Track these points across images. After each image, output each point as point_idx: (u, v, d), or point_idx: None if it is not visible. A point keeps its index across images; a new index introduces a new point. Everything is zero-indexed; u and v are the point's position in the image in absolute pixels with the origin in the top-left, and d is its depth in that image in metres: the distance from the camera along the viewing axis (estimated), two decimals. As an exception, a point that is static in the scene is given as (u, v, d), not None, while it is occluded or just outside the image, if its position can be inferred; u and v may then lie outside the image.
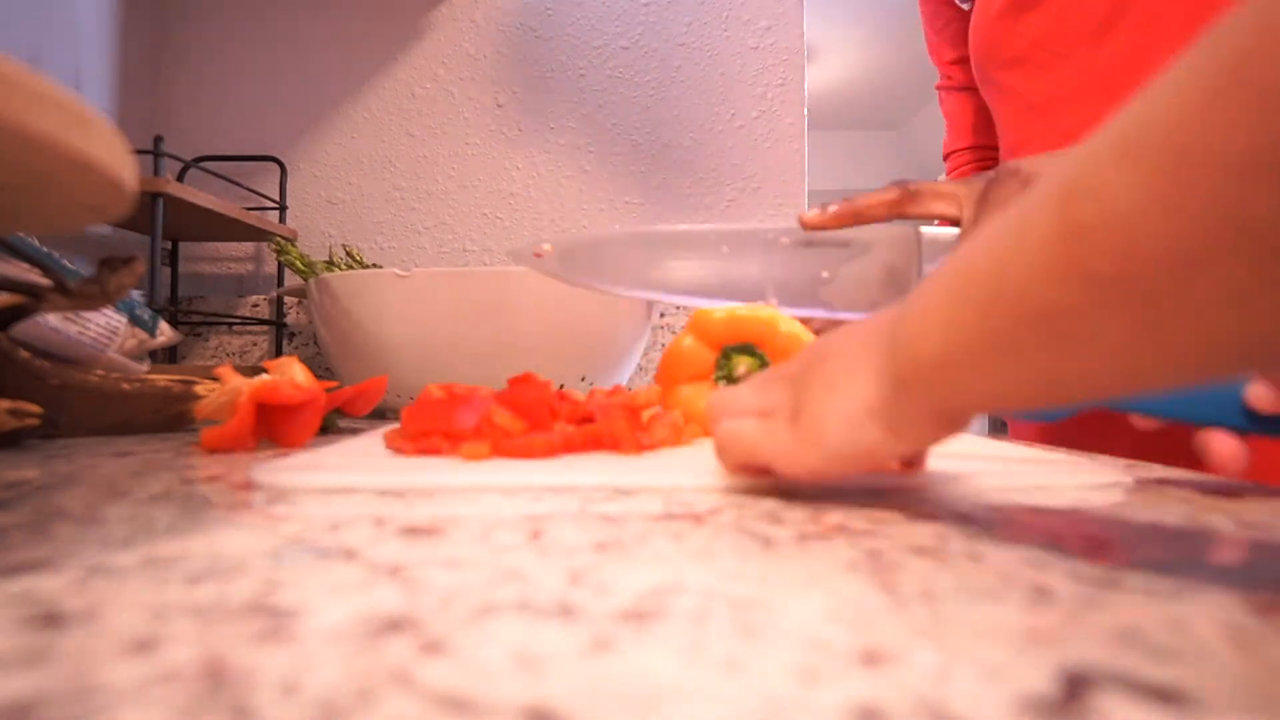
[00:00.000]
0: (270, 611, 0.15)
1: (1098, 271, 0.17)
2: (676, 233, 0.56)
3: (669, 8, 1.12)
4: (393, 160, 1.13)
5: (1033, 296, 0.18)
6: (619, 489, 0.30)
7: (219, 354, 1.12)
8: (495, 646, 0.14)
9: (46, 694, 0.11)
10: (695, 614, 0.15)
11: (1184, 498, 0.30)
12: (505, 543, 0.21)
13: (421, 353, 0.73)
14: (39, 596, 0.16)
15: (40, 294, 0.43)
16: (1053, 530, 0.24)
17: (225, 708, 0.11)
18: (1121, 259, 0.16)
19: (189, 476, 0.34)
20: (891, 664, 0.13)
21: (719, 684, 0.12)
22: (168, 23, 1.15)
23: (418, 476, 0.32)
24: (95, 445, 0.46)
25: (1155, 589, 0.18)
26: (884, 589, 0.17)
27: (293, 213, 1.12)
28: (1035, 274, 0.18)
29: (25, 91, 0.20)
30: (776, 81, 1.10)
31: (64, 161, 0.22)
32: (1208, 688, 0.12)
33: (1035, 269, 0.18)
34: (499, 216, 1.12)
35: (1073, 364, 0.19)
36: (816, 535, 0.23)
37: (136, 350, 0.58)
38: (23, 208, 0.26)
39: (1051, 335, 0.18)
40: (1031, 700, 0.12)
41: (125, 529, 0.23)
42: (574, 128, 1.12)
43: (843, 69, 3.37)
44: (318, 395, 0.47)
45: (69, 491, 0.30)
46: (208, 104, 1.14)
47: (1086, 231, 0.17)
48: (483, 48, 1.13)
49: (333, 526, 0.23)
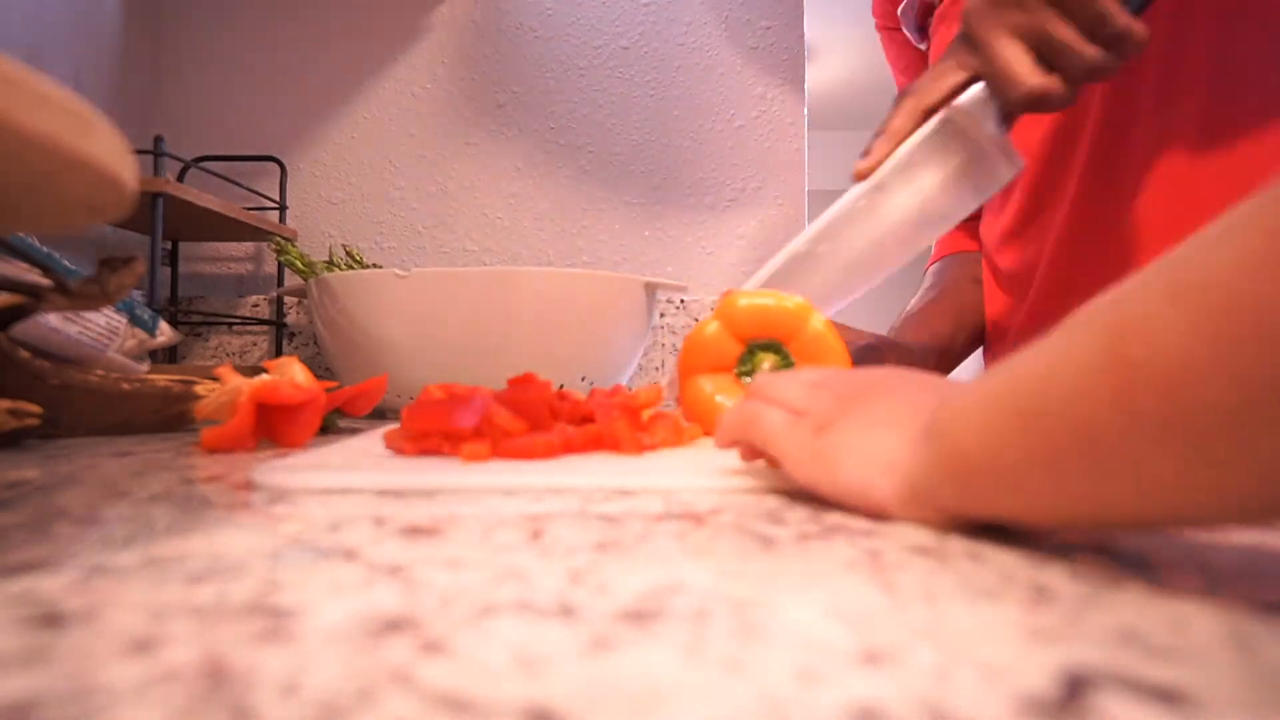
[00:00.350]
0: (270, 611, 0.15)
1: (1145, 409, 0.16)
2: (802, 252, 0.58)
3: (669, 8, 1.12)
4: (393, 160, 1.13)
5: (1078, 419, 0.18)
6: (619, 489, 0.30)
7: (219, 354, 1.12)
8: (495, 646, 0.14)
9: (46, 694, 0.11)
10: (695, 614, 0.15)
11: (1184, 498, 0.30)
12: (505, 543, 0.21)
13: (421, 353, 0.73)
14: (39, 596, 0.16)
15: (40, 294, 0.43)
16: (1052, 530, 0.24)
17: (225, 708, 0.11)
18: (1169, 401, 0.16)
19: (189, 476, 0.34)
20: (891, 664, 0.13)
21: (719, 684, 0.12)
22: (168, 23, 1.15)
23: (418, 477, 0.32)
24: (95, 445, 0.46)
25: (1155, 589, 0.18)
26: (884, 589, 0.17)
27: (293, 213, 1.12)
28: (1082, 397, 0.18)
29: (26, 91, 0.20)
30: (776, 81, 1.10)
31: (64, 161, 0.22)
32: (1208, 688, 0.12)
33: (1082, 392, 0.18)
34: (499, 216, 1.12)
35: (1118, 491, 0.18)
36: (816, 535, 0.23)
37: (136, 350, 0.58)
38: (23, 208, 0.26)
39: (1096, 460, 0.18)
40: (1031, 700, 0.12)
41: (125, 529, 0.23)
42: (574, 128, 1.12)
43: (843, 69, 3.37)
44: (318, 395, 0.47)
45: (69, 491, 0.30)
46: (208, 104, 1.14)
47: (1134, 368, 0.16)
48: (483, 48, 1.13)
49: (333, 526, 0.23)
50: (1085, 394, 0.18)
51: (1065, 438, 0.18)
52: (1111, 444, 0.17)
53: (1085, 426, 0.18)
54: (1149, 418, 0.16)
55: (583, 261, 1.11)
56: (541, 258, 1.11)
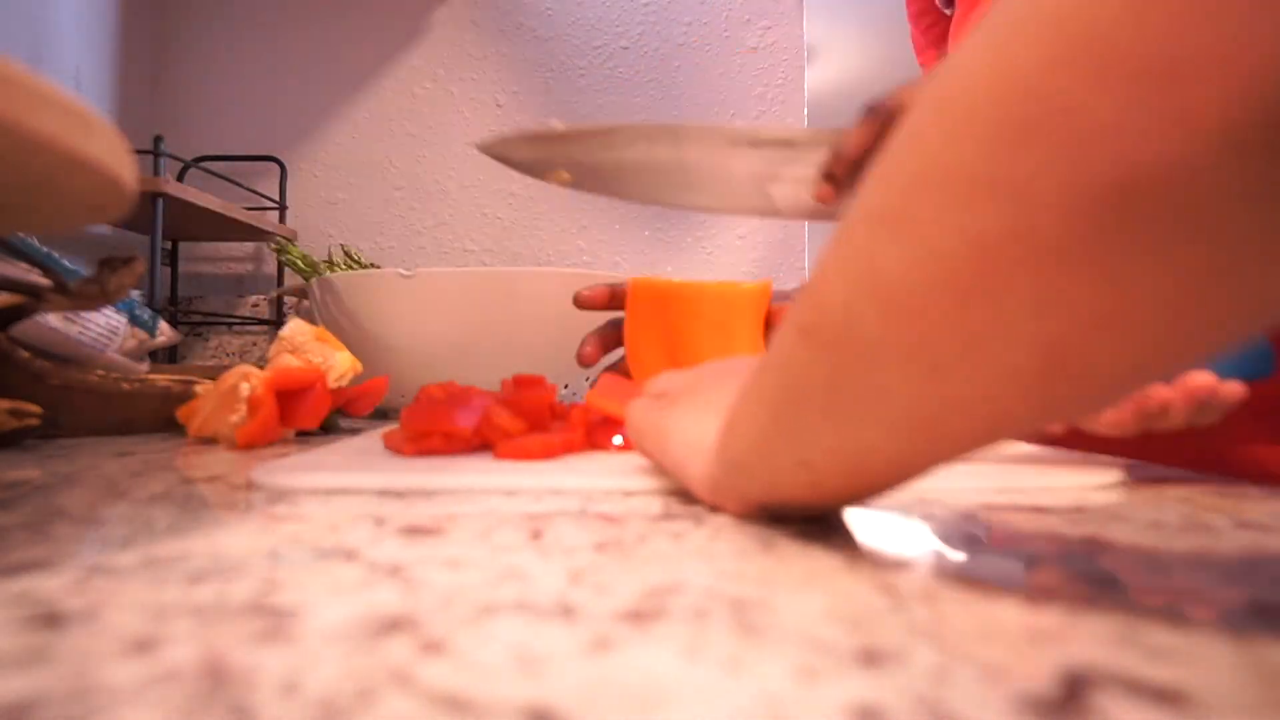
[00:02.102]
0: (270, 611, 0.15)
1: (805, 321, 0.18)
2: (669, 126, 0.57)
3: (669, 8, 1.12)
4: (393, 160, 1.13)
5: (779, 365, 0.19)
6: (619, 489, 0.30)
7: (219, 354, 1.12)
8: (495, 646, 0.14)
9: (46, 694, 0.11)
10: (695, 614, 0.15)
11: (1184, 498, 0.30)
12: (505, 543, 0.21)
13: (423, 353, 0.73)
14: (39, 596, 0.16)
15: (40, 294, 0.43)
16: (1053, 530, 0.24)
17: (225, 708, 0.11)
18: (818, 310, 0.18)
19: (189, 476, 0.34)
20: (891, 664, 0.13)
21: (719, 684, 0.12)
22: (168, 23, 1.15)
23: (418, 477, 0.32)
24: (95, 445, 0.46)
25: (1155, 589, 0.18)
26: (884, 589, 0.17)
27: (293, 213, 1.12)
28: (782, 341, 0.19)
29: (26, 92, 0.20)
30: (776, 81, 1.10)
31: (64, 161, 0.22)
32: (1208, 688, 0.12)
33: (781, 336, 0.19)
34: (499, 216, 1.12)
35: (811, 440, 0.19)
36: (816, 535, 0.23)
37: (136, 350, 0.58)
38: (23, 208, 0.26)
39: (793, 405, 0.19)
40: (1031, 700, 0.12)
41: (125, 529, 0.23)
42: (574, 128, 1.12)
43: (843, 69, 3.38)
44: (321, 373, 0.48)
45: (69, 491, 0.30)
46: (208, 104, 1.14)
47: (803, 288, 0.18)
48: (483, 48, 1.13)
49: (333, 526, 0.23)
50: (783, 329, 0.19)
51: (778, 386, 0.20)
52: (796, 375, 0.19)
53: (785, 367, 0.19)
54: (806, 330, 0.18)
55: (583, 261, 1.11)
56: (541, 258, 1.11)
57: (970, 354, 0.15)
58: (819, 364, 0.18)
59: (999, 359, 0.15)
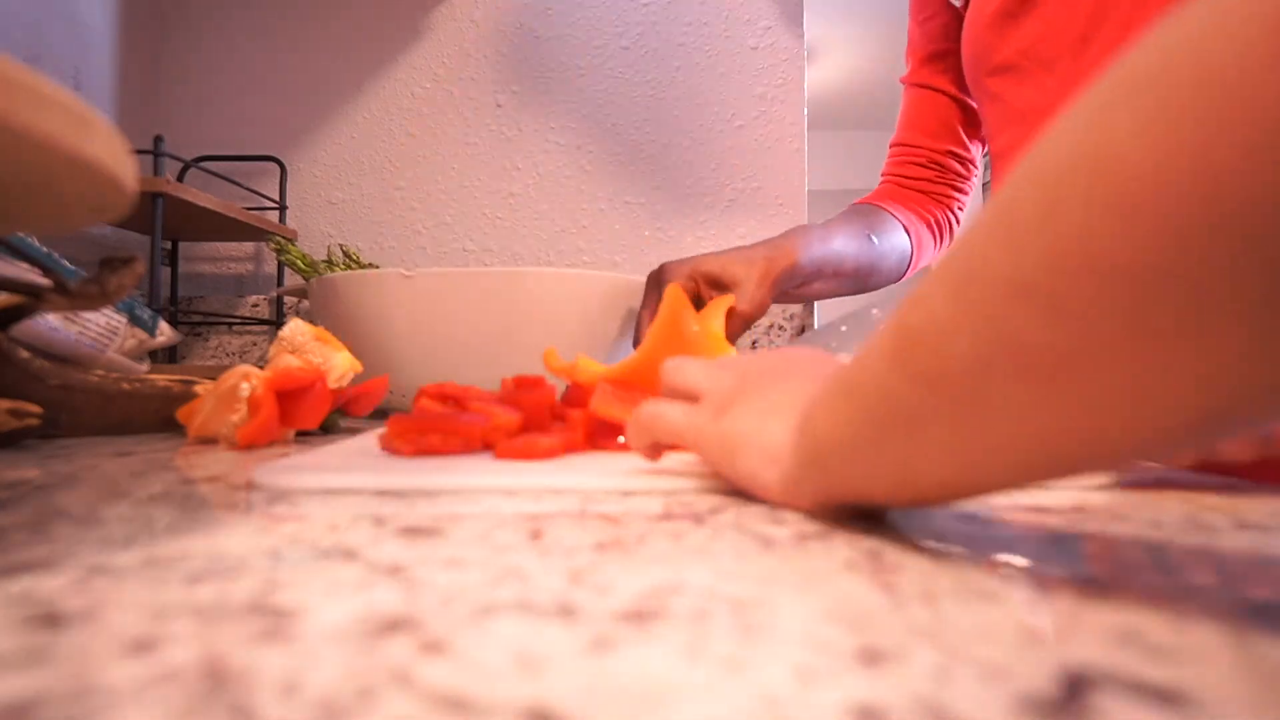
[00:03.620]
0: (270, 611, 0.15)
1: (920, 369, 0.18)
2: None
3: (669, 8, 1.12)
4: (393, 160, 1.13)
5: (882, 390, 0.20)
6: (619, 489, 0.30)
7: (219, 354, 1.12)
8: (495, 646, 0.14)
9: (46, 694, 0.11)
10: (695, 614, 0.15)
11: (1184, 498, 0.30)
12: (505, 543, 0.21)
13: (424, 353, 0.73)
14: (39, 596, 0.16)
15: (40, 294, 0.43)
16: (1053, 530, 0.24)
17: (225, 708, 0.11)
18: (937, 360, 0.18)
19: (189, 476, 0.34)
20: (891, 664, 0.13)
21: (719, 684, 0.12)
22: (168, 23, 1.15)
23: (418, 477, 0.32)
24: (95, 445, 0.46)
25: (1155, 589, 0.18)
26: (884, 589, 0.17)
27: (293, 213, 1.12)
28: (878, 362, 0.20)
29: (26, 91, 0.20)
30: (776, 81, 1.10)
31: (64, 161, 0.22)
32: (1208, 688, 0.12)
33: (877, 359, 0.20)
34: (499, 216, 1.12)
35: (917, 460, 0.20)
36: (816, 535, 0.23)
37: (136, 350, 0.58)
38: (23, 208, 0.26)
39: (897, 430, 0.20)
40: (1031, 700, 0.12)
41: (125, 529, 0.23)
42: (574, 128, 1.12)
43: (843, 69, 3.37)
44: (321, 373, 0.48)
45: (69, 491, 0.30)
46: (208, 104, 1.14)
47: (911, 331, 0.18)
48: (483, 48, 1.13)
49: (333, 527, 0.23)
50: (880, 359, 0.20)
51: (878, 408, 0.20)
52: (902, 408, 0.19)
53: (886, 396, 0.20)
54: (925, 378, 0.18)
55: (583, 261, 1.11)
56: (541, 258, 1.11)
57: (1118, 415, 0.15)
58: (937, 411, 0.18)
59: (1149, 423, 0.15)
